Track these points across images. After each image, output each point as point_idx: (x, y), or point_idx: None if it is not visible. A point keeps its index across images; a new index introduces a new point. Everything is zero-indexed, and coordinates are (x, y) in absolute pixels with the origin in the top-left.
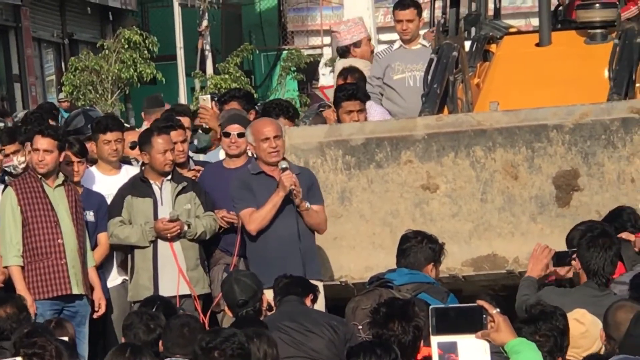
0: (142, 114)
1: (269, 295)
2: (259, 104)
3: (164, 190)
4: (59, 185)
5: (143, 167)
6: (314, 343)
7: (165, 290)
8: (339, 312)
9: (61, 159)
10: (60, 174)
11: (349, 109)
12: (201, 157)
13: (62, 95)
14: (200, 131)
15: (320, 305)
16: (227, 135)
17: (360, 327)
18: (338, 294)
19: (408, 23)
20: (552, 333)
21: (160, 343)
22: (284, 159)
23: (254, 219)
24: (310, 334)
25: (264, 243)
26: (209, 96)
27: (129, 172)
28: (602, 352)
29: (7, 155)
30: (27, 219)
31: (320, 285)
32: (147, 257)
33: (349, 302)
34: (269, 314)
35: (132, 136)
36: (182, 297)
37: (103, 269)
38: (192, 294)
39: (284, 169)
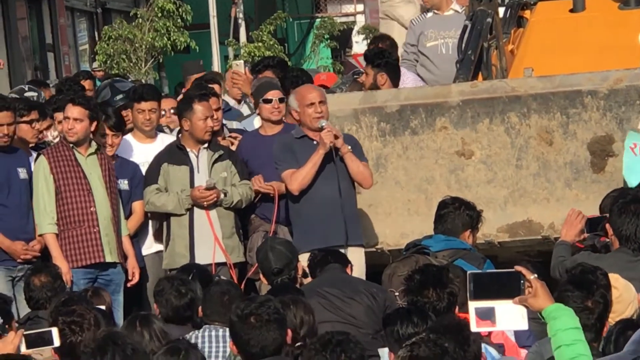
0: (183, 79)
1: (306, 259)
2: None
3: (201, 158)
4: (91, 154)
5: (180, 135)
6: (353, 309)
7: (201, 258)
8: (376, 278)
9: (92, 129)
10: (93, 143)
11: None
12: (234, 124)
13: (95, 64)
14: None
15: (361, 271)
16: (269, 101)
17: (396, 293)
18: (374, 261)
19: None
20: (604, 299)
21: (199, 309)
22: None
23: (295, 178)
24: (350, 300)
25: (307, 204)
26: (242, 62)
27: (164, 140)
28: (634, 316)
29: (40, 132)
30: (59, 187)
31: (362, 251)
32: (183, 224)
33: (386, 268)
34: (304, 281)
35: (168, 103)
36: (217, 265)
37: (137, 237)
38: (228, 262)
39: (323, 127)
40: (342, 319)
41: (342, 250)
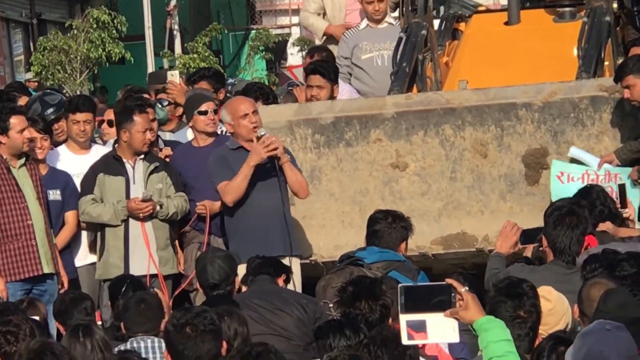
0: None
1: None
2: (233, 81)
3: (137, 169)
4: (22, 165)
5: (116, 145)
6: (283, 321)
7: (136, 269)
8: (310, 290)
9: (26, 137)
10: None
11: (310, 83)
12: (167, 135)
13: (30, 75)
14: (158, 105)
15: (298, 282)
16: (204, 113)
17: (331, 305)
18: (308, 273)
19: (379, 3)
20: (535, 309)
21: (122, 325)
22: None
23: (228, 190)
24: (280, 312)
25: (246, 215)
26: (177, 72)
27: (98, 151)
28: (568, 328)
29: None
30: None
31: (298, 262)
32: (118, 235)
33: (320, 280)
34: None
35: (109, 115)
36: (152, 276)
37: (70, 247)
38: (159, 274)
39: (262, 136)
40: (272, 332)
41: (284, 261)
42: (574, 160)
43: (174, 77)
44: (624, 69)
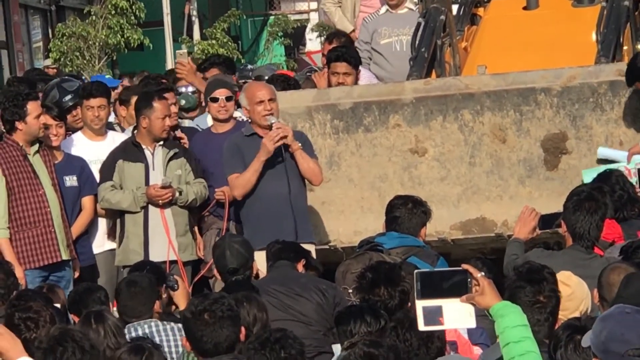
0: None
1: (260, 258)
2: (250, 68)
3: (156, 155)
4: (35, 152)
5: (135, 131)
6: (303, 307)
7: (156, 256)
8: (329, 275)
9: (42, 123)
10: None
11: (335, 70)
12: (186, 122)
13: (48, 61)
14: (186, 90)
15: None
16: (215, 100)
17: (350, 290)
18: (327, 258)
19: None
20: (555, 294)
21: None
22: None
23: (238, 184)
24: (299, 297)
25: (255, 205)
26: (185, 51)
27: (114, 138)
28: (588, 313)
29: None
30: (12, 188)
31: (312, 248)
32: (137, 222)
33: (339, 265)
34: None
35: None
36: (171, 262)
37: (88, 234)
38: (178, 260)
39: (272, 125)
40: (292, 317)
41: None
42: (602, 161)
43: (183, 56)
44: (633, 73)
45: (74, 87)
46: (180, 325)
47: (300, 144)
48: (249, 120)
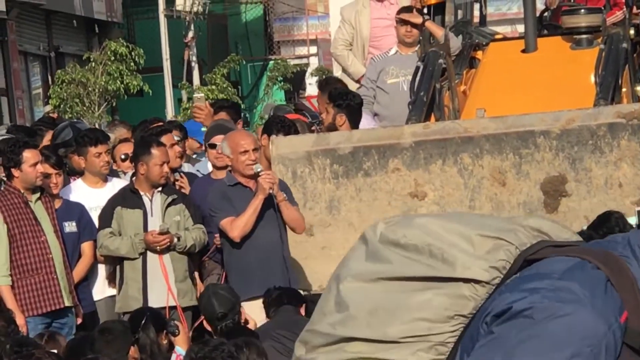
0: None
1: (249, 308)
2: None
3: (154, 201)
4: (37, 199)
5: (133, 178)
6: None
7: (155, 302)
8: None
9: (39, 171)
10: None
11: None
12: (186, 167)
13: (48, 108)
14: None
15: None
16: (213, 146)
17: None
18: None
19: (412, 27)
20: None
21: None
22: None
23: (237, 225)
24: None
25: (246, 251)
26: (202, 95)
27: (115, 185)
28: None
29: None
30: (14, 235)
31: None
32: (136, 268)
33: None
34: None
35: (126, 148)
36: (171, 308)
37: (88, 280)
38: (177, 306)
39: (259, 172)
40: None
41: None
42: None
43: (200, 100)
44: None
45: (85, 128)
46: None
47: (284, 195)
48: (230, 170)
